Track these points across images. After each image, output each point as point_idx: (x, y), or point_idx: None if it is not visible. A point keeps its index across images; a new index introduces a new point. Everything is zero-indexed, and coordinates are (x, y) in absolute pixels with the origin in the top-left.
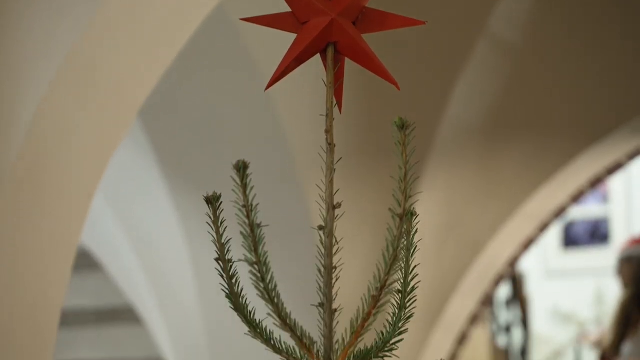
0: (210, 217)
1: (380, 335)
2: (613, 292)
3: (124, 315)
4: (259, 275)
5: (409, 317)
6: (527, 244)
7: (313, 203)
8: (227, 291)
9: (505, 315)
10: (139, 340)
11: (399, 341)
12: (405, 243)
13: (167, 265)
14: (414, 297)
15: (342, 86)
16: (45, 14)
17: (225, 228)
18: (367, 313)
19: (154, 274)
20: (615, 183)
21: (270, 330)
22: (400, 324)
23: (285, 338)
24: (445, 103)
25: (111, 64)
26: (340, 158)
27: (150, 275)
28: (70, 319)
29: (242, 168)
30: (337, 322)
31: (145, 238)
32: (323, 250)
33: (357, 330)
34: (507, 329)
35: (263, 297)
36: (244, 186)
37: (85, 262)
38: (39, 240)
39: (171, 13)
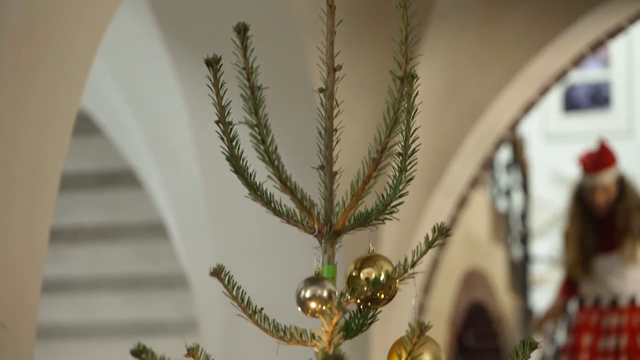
0: (210, 80)
1: (381, 197)
2: None
3: (124, 178)
4: (259, 137)
5: (409, 180)
6: (528, 107)
7: (314, 65)
8: (227, 154)
9: (505, 178)
10: (139, 204)
11: (399, 204)
12: (405, 105)
13: (168, 129)
14: (415, 159)
15: None
16: None
17: (226, 90)
18: (367, 176)
19: (155, 137)
20: (616, 47)
21: (270, 193)
22: (400, 187)
23: (285, 201)
24: None
25: None
26: (341, 20)
27: (150, 139)
28: (70, 182)
29: (242, 30)
30: (338, 185)
31: (146, 101)
32: (323, 113)
33: (358, 193)
34: (507, 193)
35: (263, 160)
36: (244, 48)
37: (86, 126)
38: (39, 104)
39: None
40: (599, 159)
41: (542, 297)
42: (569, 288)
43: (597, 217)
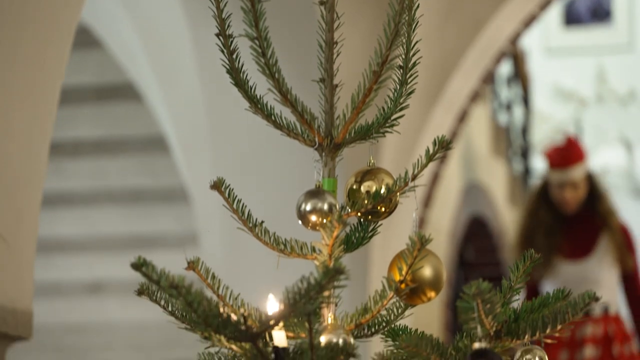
0: None
1: (381, 110)
2: (614, 70)
3: (124, 92)
4: (259, 50)
5: (409, 93)
6: (529, 21)
7: None
8: (227, 67)
9: (506, 92)
10: (139, 117)
11: (399, 117)
12: (406, 18)
13: (168, 41)
14: (415, 72)
15: None
16: None
17: (226, 3)
18: (368, 88)
19: (155, 50)
20: None
21: (270, 106)
22: (401, 100)
23: (286, 114)
24: None
25: None
26: None
27: (150, 52)
28: (71, 96)
29: None
30: (338, 98)
31: (146, 14)
32: (324, 25)
33: (358, 106)
34: (508, 107)
35: (263, 73)
36: None
37: (86, 40)
38: (39, 17)
39: None
40: (567, 153)
41: None
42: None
43: (564, 215)
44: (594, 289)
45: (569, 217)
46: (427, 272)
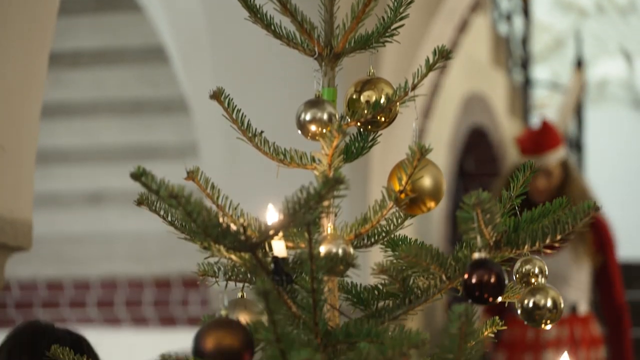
0: None
1: (381, 20)
2: None
3: (123, 1)
4: None
5: (410, 2)
6: None
7: None
8: None
9: (506, 2)
10: (138, 27)
11: (399, 27)
12: None
13: None
14: None
15: None
16: None
17: None
18: None
19: None
20: None
21: (270, 16)
22: (401, 9)
23: (285, 23)
24: None
25: None
26: None
27: None
28: (70, 5)
29: None
30: (338, 7)
31: None
32: None
33: (358, 15)
34: (508, 17)
35: None
36: None
37: None
38: None
39: None
40: (542, 139)
41: None
42: None
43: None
44: (561, 288)
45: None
46: (426, 182)
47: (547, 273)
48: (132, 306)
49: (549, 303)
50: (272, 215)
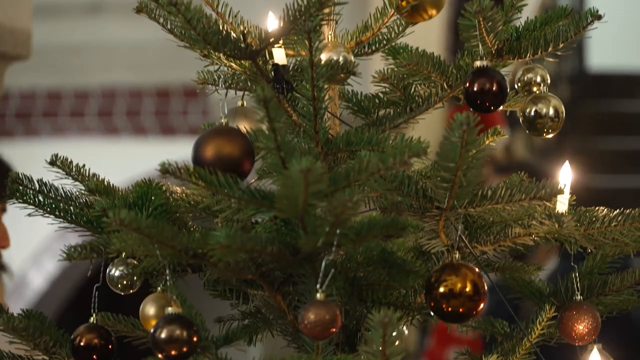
0: None
1: None
2: None
3: None
4: None
5: None
6: None
7: None
8: None
9: None
10: None
11: None
12: None
13: None
14: None
15: None
16: None
17: None
18: None
19: None
20: None
21: None
22: None
23: None
24: None
25: None
26: None
27: None
28: None
29: None
30: None
31: None
32: None
33: None
34: None
35: None
36: None
37: None
38: None
39: None
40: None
41: None
42: None
43: None
44: None
45: None
46: None
47: (549, 81)
48: (132, 116)
49: (551, 111)
50: (272, 23)
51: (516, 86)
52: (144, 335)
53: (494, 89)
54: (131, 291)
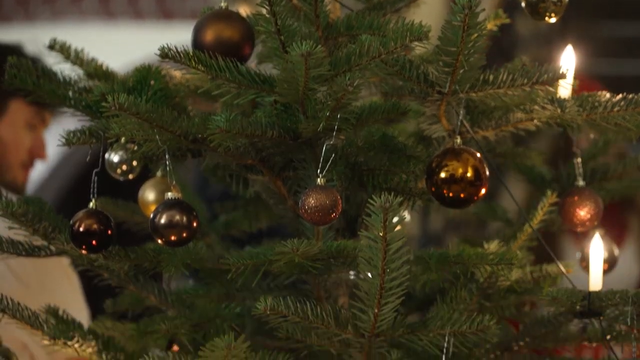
0: None
1: None
2: None
3: None
4: None
5: None
6: None
7: None
8: None
9: None
10: None
11: None
12: None
13: None
14: None
15: None
16: None
17: None
18: None
19: None
20: None
21: None
22: None
23: None
24: None
25: None
26: None
27: None
28: None
29: None
30: None
31: None
32: None
33: None
34: None
35: None
36: None
37: None
38: None
39: None
40: None
41: None
42: None
43: None
44: None
45: None
46: None
47: None
48: (131, 0)
49: None
50: None
51: None
52: (144, 220)
53: None
54: (130, 177)
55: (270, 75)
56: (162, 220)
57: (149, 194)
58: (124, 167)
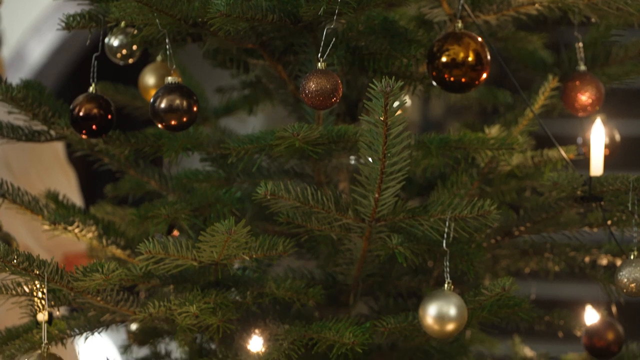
0: None
1: None
2: None
3: None
4: None
5: None
6: None
7: None
8: None
9: None
10: None
11: None
12: None
13: None
14: None
15: None
16: None
17: None
18: None
19: None
20: None
21: None
22: None
23: None
24: None
25: None
26: None
27: None
28: None
29: None
30: None
31: None
32: None
33: None
34: None
35: None
36: None
37: None
38: None
39: None
40: None
41: None
42: None
43: None
44: None
45: None
46: None
47: None
48: None
49: None
50: None
51: None
52: (144, 105)
53: None
54: (130, 61)
55: None
56: (163, 105)
57: (149, 79)
58: (124, 52)
